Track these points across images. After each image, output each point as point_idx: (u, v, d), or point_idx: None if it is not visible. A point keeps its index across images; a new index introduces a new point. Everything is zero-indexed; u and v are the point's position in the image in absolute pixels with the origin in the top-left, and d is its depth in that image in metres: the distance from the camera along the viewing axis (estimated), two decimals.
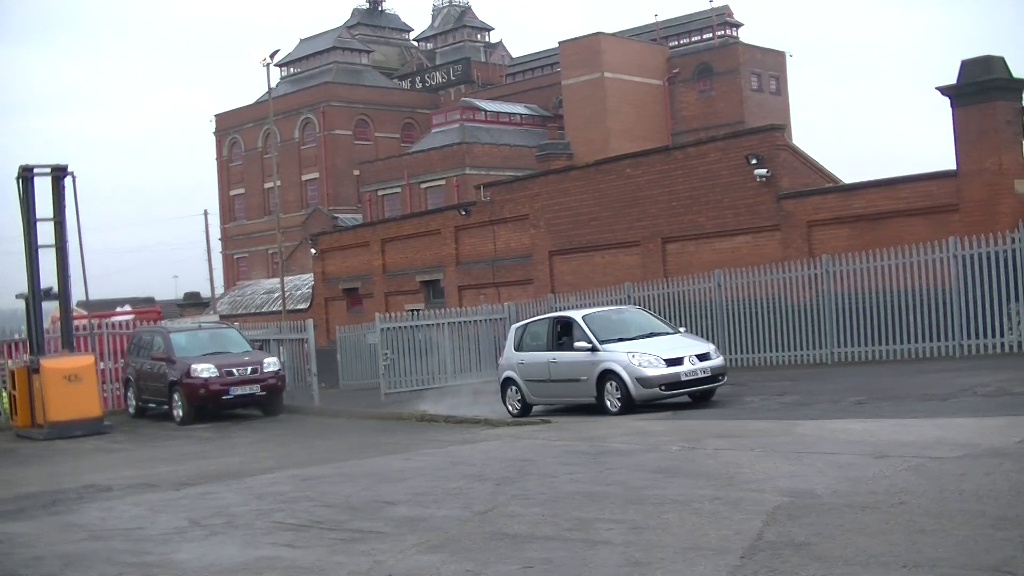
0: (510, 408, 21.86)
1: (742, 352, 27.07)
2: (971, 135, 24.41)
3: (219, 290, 71.54)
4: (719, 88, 69.88)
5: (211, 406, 24.79)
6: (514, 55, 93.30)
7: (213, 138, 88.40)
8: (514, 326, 23.11)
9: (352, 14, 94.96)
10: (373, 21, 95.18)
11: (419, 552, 8.41)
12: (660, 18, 77.98)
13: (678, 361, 19.05)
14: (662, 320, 21.84)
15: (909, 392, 17.54)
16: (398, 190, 68.91)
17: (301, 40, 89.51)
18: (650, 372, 18.83)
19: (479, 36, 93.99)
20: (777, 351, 26.39)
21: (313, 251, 46.13)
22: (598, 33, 68.23)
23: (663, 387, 18.89)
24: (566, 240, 34.07)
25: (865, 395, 17.77)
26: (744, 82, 69.85)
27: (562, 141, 58.72)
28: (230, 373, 24.67)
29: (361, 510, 10.77)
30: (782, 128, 31.23)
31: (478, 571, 7.61)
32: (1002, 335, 22.36)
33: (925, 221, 25.17)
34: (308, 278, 50.36)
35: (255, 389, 24.88)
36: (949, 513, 8.01)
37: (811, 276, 25.83)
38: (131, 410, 27.34)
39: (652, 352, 19.15)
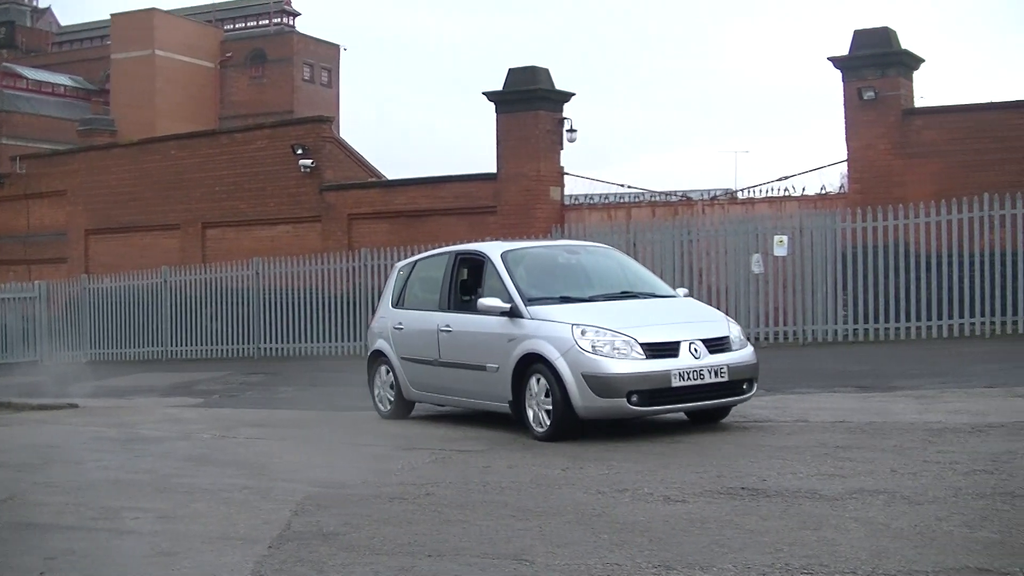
0: (379, 404, 14.13)
1: (279, 342, 27.04)
2: (513, 141, 25.49)
3: None
4: (271, 76, 69.56)
5: None
6: (64, 24, 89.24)
7: None
8: (397, 266, 14.83)
9: None
10: None
11: None
12: (217, 0, 76.81)
13: (668, 349, 10.89)
14: (650, 273, 13.85)
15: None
16: None
17: None
18: (612, 366, 10.66)
19: (26, 0, 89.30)
20: (315, 342, 26.54)
21: None
22: (152, 9, 66.49)
23: (635, 397, 10.65)
24: (105, 220, 32.90)
25: None
26: (297, 72, 69.84)
27: (107, 117, 56.87)
28: None
29: None
30: (330, 120, 31.51)
31: None
32: None
33: (464, 221, 26.02)
34: None
35: None
36: (473, 504, 8.28)
37: (350, 269, 26.16)
38: None
39: (619, 327, 10.94)
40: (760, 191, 24.13)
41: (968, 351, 18.00)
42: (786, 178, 23.89)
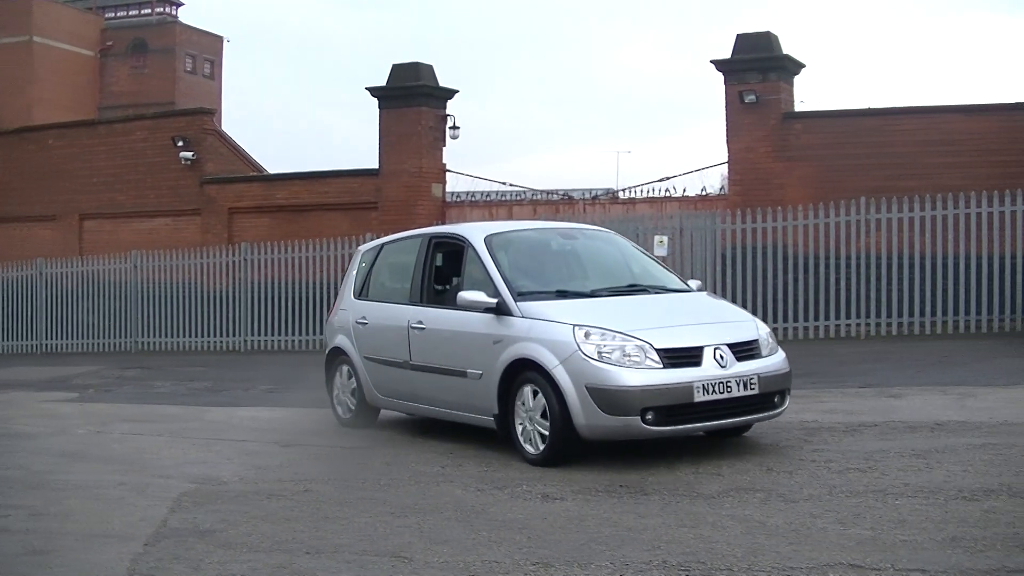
0: (338, 409, 12.51)
1: (157, 336, 26.68)
2: (395, 137, 25.50)
3: None
4: (153, 66, 68.44)
5: None
6: None
7: None
8: (360, 250, 13.02)
9: None
10: None
11: None
12: None
13: (690, 356, 9.13)
14: (659, 262, 11.94)
15: (319, 382, 17.84)
16: None
17: None
18: (623, 376, 8.87)
19: None
20: (192, 336, 26.24)
21: None
22: None
23: (650, 414, 8.85)
24: None
25: (276, 383, 17.99)
26: (179, 63, 68.82)
27: None
28: None
29: None
30: (212, 113, 31.14)
31: None
32: None
33: (345, 216, 25.96)
34: None
35: None
36: (352, 501, 8.26)
37: (230, 263, 25.89)
38: None
39: (630, 329, 9.20)
40: (641, 191, 24.33)
41: (844, 352, 18.32)
42: (667, 179, 24.15)
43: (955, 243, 19.83)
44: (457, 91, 26.10)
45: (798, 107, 23.41)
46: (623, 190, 25.41)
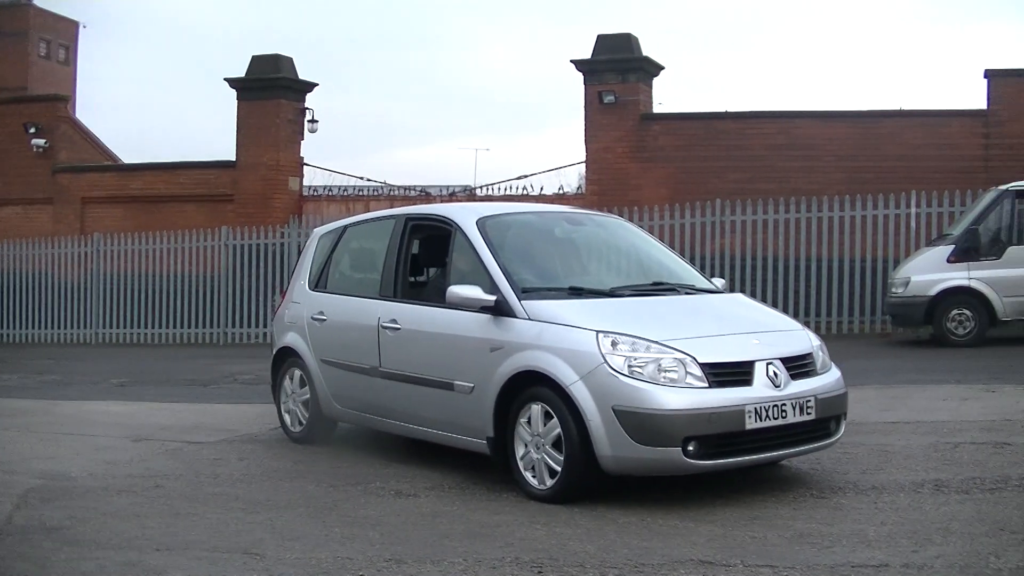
0: (287, 420, 10.61)
1: (5, 328, 26.17)
2: (253, 129, 25.33)
3: None
4: (4, 50, 66.67)
5: None
6: None
7: None
8: (317, 232, 11.06)
9: None
10: None
11: None
12: None
13: (739, 372, 7.44)
14: (680, 257, 9.87)
15: (172, 376, 17.69)
16: None
17: None
18: (662, 397, 7.13)
19: None
20: (42, 328, 25.75)
21: None
22: None
23: (693, 445, 7.12)
24: None
25: (128, 377, 17.70)
26: (32, 47, 67.24)
27: None
28: None
29: None
30: (66, 100, 30.63)
31: None
32: (265, 325, 23.16)
33: (201, 208, 25.73)
34: None
35: None
36: (203, 497, 8.16)
37: (82, 254, 25.48)
38: None
39: (666, 337, 7.46)
40: (499, 189, 24.46)
41: None
42: (525, 177, 24.30)
43: (807, 246, 20.28)
44: (316, 84, 26.04)
45: (656, 109, 23.74)
46: (481, 187, 25.50)
